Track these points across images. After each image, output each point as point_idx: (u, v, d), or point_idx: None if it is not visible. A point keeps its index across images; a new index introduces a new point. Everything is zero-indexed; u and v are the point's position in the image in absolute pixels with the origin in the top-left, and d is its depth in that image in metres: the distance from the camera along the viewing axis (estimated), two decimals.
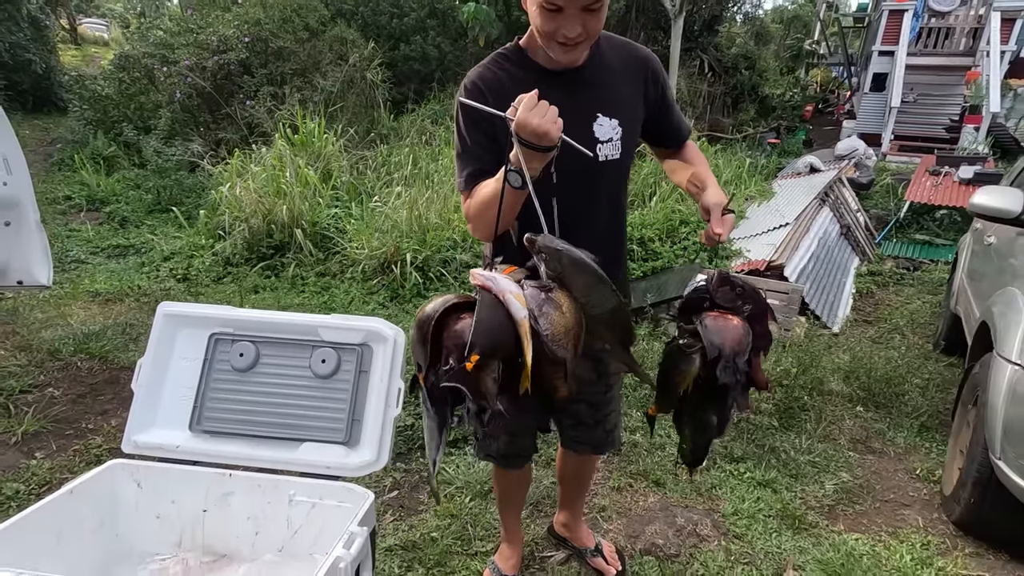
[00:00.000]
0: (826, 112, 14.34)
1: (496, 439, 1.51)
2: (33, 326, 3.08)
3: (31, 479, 1.99)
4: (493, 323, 1.00)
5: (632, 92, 1.26)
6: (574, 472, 1.74)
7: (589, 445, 1.60)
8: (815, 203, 5.90)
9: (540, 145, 1.02)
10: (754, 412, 2.72)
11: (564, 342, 1.03)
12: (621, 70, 1.25)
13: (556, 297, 1.04)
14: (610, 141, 1.23)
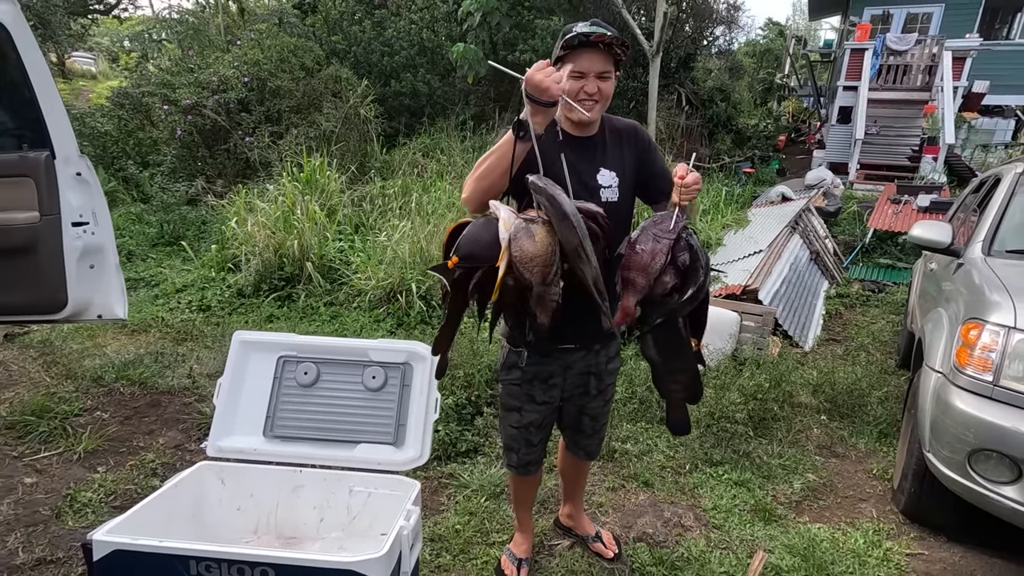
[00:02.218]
0: (798, 141, 15.07)
1: (515, 452, 1.86)
2: (72, 356, 3.33)
3: (99, 489, 2.24)
4: (476, 236, 1.29)
5: (625, 153, 1.65)
6: (573, 470, 2.07)
7: (584, 451, 1.94)
8: (786, 230, 6.33)
9: (542, 100, 1.30)
10: (731, 422, 3.04)
11: (530, 266, 1.24)
12: (618, 139, 1.65)
13: (533, 229, 1.25)
14: (610, 187, 1.61)
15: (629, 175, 1.64)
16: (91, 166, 2.03)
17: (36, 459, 2.45)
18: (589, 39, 1.46)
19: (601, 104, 1.55)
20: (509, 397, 1.78)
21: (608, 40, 1.47)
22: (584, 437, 1.90)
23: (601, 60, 1.48)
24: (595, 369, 1.78)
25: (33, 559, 1.88)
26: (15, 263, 1.98)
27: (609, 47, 1.49)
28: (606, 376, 1.81)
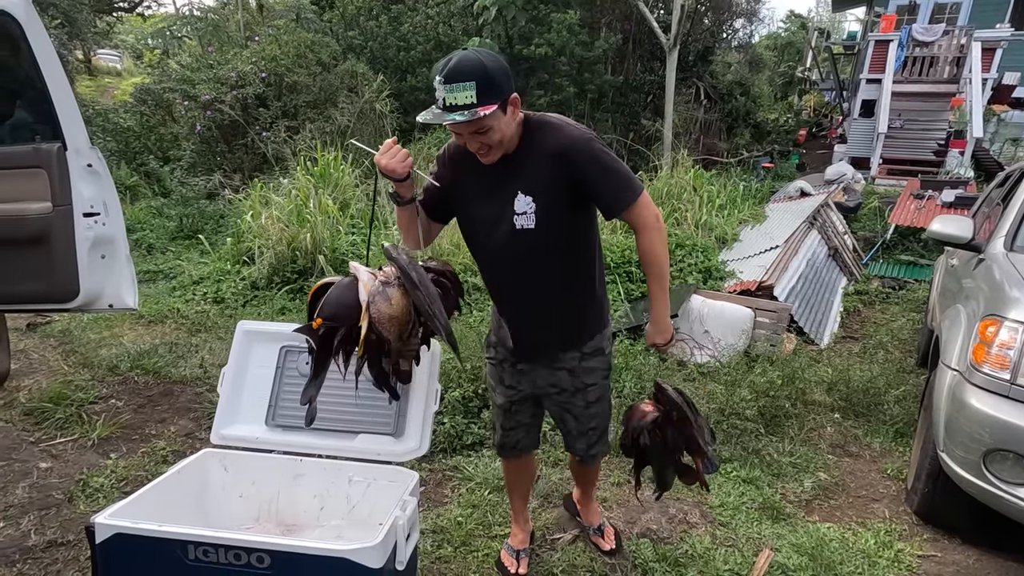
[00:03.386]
0: (819, 136, 14.78)
1: (495, 432, 1.88)
2: (89, 345, 3.41)
3: (111, 475, 2.29)
4: (338, 298, 1.41)
5: (553, 175, 1.49)
6: (575, 469, 2.07)
7: (576, 454, 1.87)
8: (804, 226, 6.22)
9: (392, 176, 1.47)
10: (740, 419, 3.00)
11: (387, 326, 1.38)
12: (548, 157, 1.49)
13: (389, 292, 1.38)
14: (524, 214, 1.52)
15: (555, 199, 1.50)
16: (102, 157, 2.07)
17: (52, 445, 2.52)
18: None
19: (497, 150, 1.47)
20: (488, 375, 1.86)
21: (458, 125, 1.39)
22: (572, 438, 1.82)
23: (464, 124, 1.39)
24: (567, 365, 1.70)
25: (44, 541, 1.93)
26: (29, 253, 2.02)
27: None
28: (582, 374, 1.70)
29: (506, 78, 1.41)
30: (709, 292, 4.65)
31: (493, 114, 1.38)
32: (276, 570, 1.25)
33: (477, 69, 1.36)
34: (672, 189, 6.64)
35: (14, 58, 1.90)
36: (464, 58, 1.38)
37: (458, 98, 1.36)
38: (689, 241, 5.59)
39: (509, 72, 1.43)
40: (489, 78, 1.36)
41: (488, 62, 1.38)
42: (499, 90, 1.39)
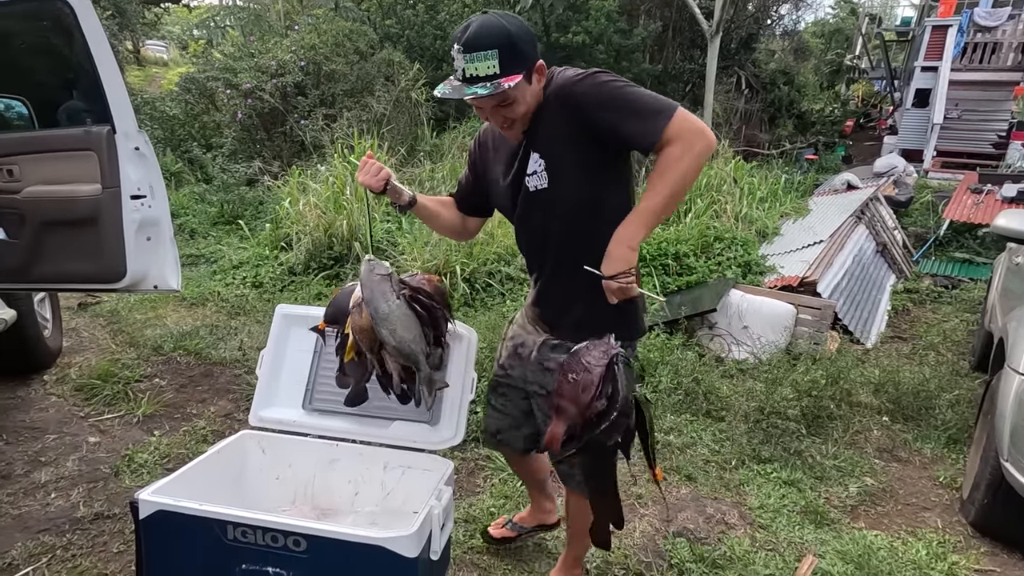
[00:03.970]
0: (867, 127, 14.18)
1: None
2: (135, 325, 3.52)
3: (154, 451, 2.37)
4: (337, 304, 1.57)
5: (564, 127, 1.33)
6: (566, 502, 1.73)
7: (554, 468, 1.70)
8: (851, 220, 5.98)
9: (372, 191, 1.47)
10: (782, 418, 2.89)
11: (359, 336, 1.49)
12: (558, 110, 1.33)
13: (361, 306, 1.46)
14: (535, 174, 1.38)
15: (565, 151, 1.34)
16: (148, 141, 2.10)
17: (100, 420, 2.61)
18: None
19: (518, 122, 1.34)
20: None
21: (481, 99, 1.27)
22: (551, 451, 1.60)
23: (487, 99, 1.27)
24: (547, 362, 1.52)
25: (92, 513, 2.00)
26: (79, 234, 2.08)
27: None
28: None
29: (531, 44, 1.30)
30: (748, 287, 4.51)
31: (518, 85, 1.26)
32: (312, 554, 1.25)
33: (500, 35, 1.24)
34: (712, 180, 6.46)
35: (67, 43, 1.94)
36: (485, 23, 1.25)
37: (479, 68, 1.24)
38: (728, 234, 5.44)
39: (534, 37, 1.33)
40: (513, 44, 1.24)
41: (512, 27, 1.26)
42: (524, 58, 1.27)
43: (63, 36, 1.97)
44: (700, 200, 6.10)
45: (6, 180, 2.07)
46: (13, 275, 2.17)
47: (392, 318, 1.41)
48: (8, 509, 2.01)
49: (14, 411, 2.61)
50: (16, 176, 2.07)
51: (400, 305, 1.42)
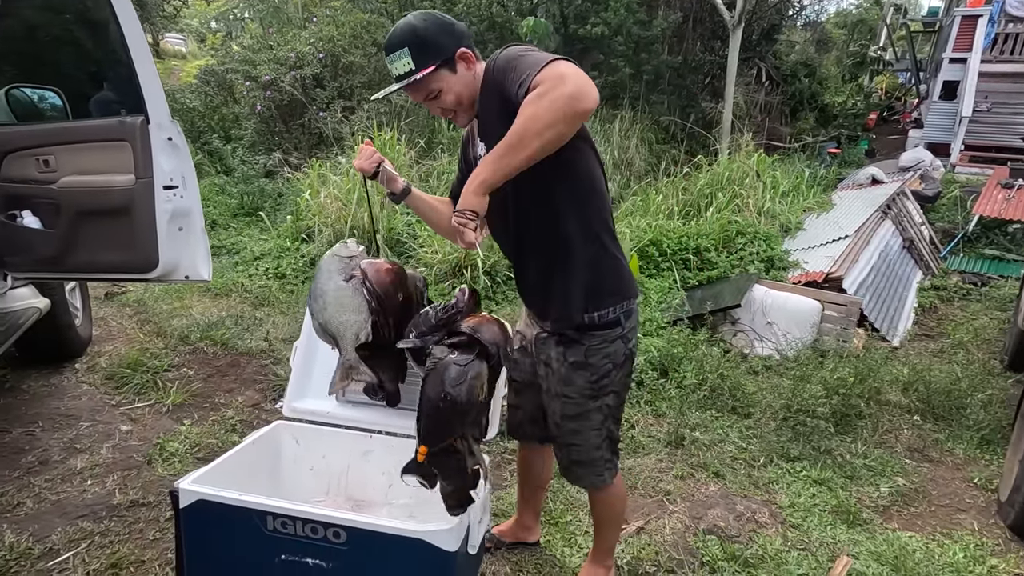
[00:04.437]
0: (891, 120, 13.88)
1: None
2: (162, 315, 3.56)
3: (185, 440, 2.39)
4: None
5: (495, 107, 1.31)
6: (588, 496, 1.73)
7: (561, 466, 1.64)
8: (877, 215, 5.87)
9: (364, 174, 1.50)
10: (810, 416, 2.85)
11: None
12: (490, 94, 1.33)
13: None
14: (478, 158, 1.41)
15: (500, 133, 1.23)
16: (181, 131, 2.11)
17: (131, 408, 2.64)
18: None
19: (461, 111, 1.40)
20: None
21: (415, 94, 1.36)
22: (556, 447, 1.61)
23: (414, 92, 1.37)
24: (542, 356, 1.54)
25: (128, 501, 2.03)
26: (112, 224, 2.09)
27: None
28: (560, 379, 1.49)
29: (446, 35, 1.34)
30: (772, 282, 4.44)
31: (435, 75, 1.33)
32: (351, 546, 1.25)
33: (406, 34, 1.33)
34: (734, 174, 6.37)
35: (103, 33, 1.95)
36: (397, 25, 1.36)
37: (398, 67, 1.34)
38: (751, 228, 5.37)
39: (452, 28, 1.36)
40: (420, 40, 1.32)
41: (418, 23, 1.34)
42: (438, 49, 1.33)
43: (98, 26, 1.98)
44: (722, 194, 6.02)
45: (42, 170, 2.09)
46: (48, 264, 2.19)
47: (327, 296, 1.38)
48: (47, 495, 2.04)
49: (48, 398, 2.66)
50: (52, 166, 2.09)
51: (343, 287, 1.38)
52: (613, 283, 1.46)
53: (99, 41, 2.09)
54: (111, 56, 2.01)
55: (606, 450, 1.57)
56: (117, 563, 1.74)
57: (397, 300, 1.45)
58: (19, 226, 2.16)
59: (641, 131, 9.15)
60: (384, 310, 1.43)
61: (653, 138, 9.39)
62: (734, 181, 6.33)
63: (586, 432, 1.53)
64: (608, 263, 1.45)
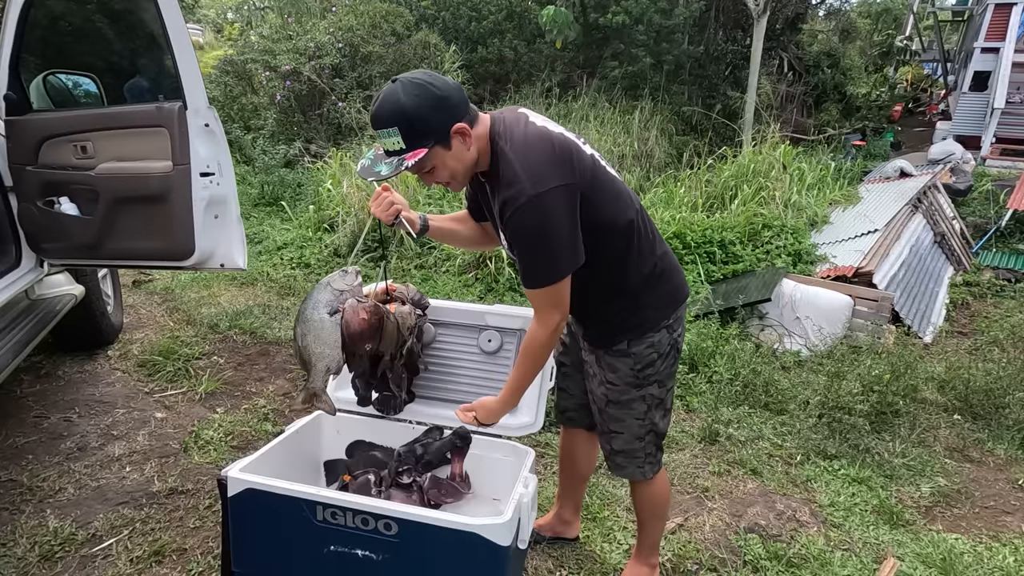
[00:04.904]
0: (916, 112, 13.58)
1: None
2: (190, 303, 3.58)
3: (219, 428, 2.40)
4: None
5: (490, 197, 1.36)
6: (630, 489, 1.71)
7: (601, 448, 1.63)
8: (907, 209, 5.75)
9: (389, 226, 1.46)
10: (847, 413, 2.79)
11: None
12: (499, 201, 1.30)
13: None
14: (508, 249, 1.40)
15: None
16: (218, 118, 2.09)
17: (164, 396, 2.65)
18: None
19: (455, 182, 1.34)
20: None
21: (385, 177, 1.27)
22: (599, 431, 1.60)
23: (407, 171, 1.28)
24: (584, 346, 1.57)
25: (167, 488, 2.04)
26: (149, 211, 2.08)
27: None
28: (605, 366, 1.48)
29: (439, 112, 1.23)
30: (800, 277, 4.36)
31: (428, 156, 1.24)
32: (402, 539, 1.23)
33: (395, 114, 1.21)
34: (759, 166, 6.25)
35: (141, 16, 1.93)
36: (385, 98, 1.23)
37: (386, 144, 1.26)
38: (777, 222, 5.27)
39: (446, 102, 1.23)
40: (410, 122, 1.21)
41: (408, 101, 1.21)
42: (429, 131, 1.23)
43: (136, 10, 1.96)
44: (747, 186, 5.92)
45: (80, 156, 2.08)
46: (85, 251, 2.19)
47: (309, 324, 1.42)
48: (87, 481, 2.06)
49: (84, 385, 2.68)
50: (89, 153, 2.08)
51: (325, 320, 1.41)
52: (654, 315, 1.46)
53: (137, 26, 2.07)
54: (149, 41, 1.99)
55: (649, 443, 1.54)
56: (159, 551, 1.75)
57: (364, 349, 1.45)
58: (57, 212, 2.16)
59: (661, 122, 9.02)
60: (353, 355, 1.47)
61: (673, 129, 9.25)
62: (759, 173, 6.21)
63: (628, 420, 1.51)
64: (648, 299, 1.45)
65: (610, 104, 9.15)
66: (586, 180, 1.30)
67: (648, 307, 1.45)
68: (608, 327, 1.47)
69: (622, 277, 1.41)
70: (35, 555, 1.70)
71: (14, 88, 2.07)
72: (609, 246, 1.37)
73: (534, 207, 1.23)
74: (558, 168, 1.26)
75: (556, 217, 1.24)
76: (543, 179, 1.23)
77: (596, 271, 1.35)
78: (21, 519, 1.84)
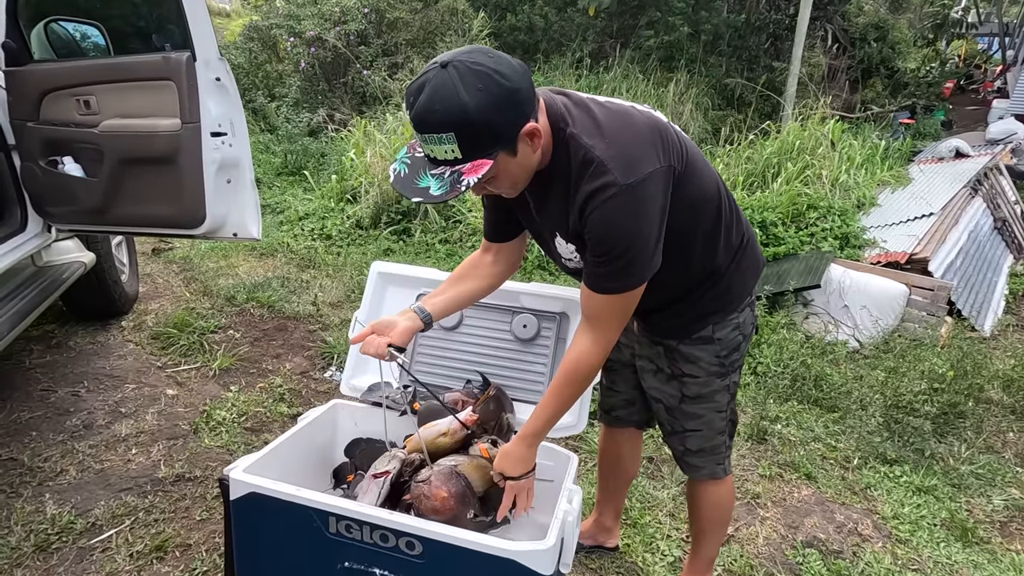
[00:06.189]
0: (969, 90, 12.81)
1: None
2: (208, 274, 3.45)
3: (232, 408, 2.26)
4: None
5: (561, 201, 1.09)
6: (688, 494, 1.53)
7: (669, 448, 1.47)
8: (965, 192, 5.36)
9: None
10: (909, 414, 2.55)
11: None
12: (575, 197, 1.06)
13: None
14: (571, 260, 1.18)
15: (577, 237, 1.11)
16: (230, 71, 1.89)
17: (177, 371, 2.53)
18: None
19: (514, 190, 1.09)
20: None
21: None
22: (664, 431, 1.43)
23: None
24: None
25: (173, 475, 1.91)
26: (157, 174, 1.92)
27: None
28: (679, 359, 1.29)
29: (509, 110, 0.95)
30: (850, 262, 4.07)
31: (492, 168, 0.97)
32: (428, 559, 1.06)
33: (453, 115, 0.92)
34: (804, 143, 5.88)
35: None
36: (434, 94, 0.92)
37: (435, 151, 0.96)
38: (823, 203, 4.94)
39: (517, 95, 0.95)
40: (473, 127, 0.92)
41: (470, 98, 0.91)
42: (496, 136, 0.95)
43: None
44: (791, 164, 5.57)
45: (83, 112, 1.92)
46: (91, 216, 2.05)
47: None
48: (91, 463, 1.94)
49: (94, 357, 2.56)
50: (93, 108, 1.91)
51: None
52: (739, 293, 1.28)
53: None
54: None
55: (728, 435, 1.39)
56: (162, 545, 1.62)
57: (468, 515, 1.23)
58: (60, 173, 2.01)
59: (697, 95, 8.60)
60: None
61: (709, 103, 8.83)
62: (805, 150, 5.84)
63: (709, 415, 1.33)
64: (733, 275, 1.26)
65: (643, 76, 8.76)
66: (679, 158, 1.08)
67: (735, 284, 1.26)
68: (688, 314, 1.26)
69: (711, 255, 1.21)
70: (30, 545, 1.59)
71: (13, 36, 1.90)
72: (701, 221, 1.17)
73: (627, 200, 1.00)
74: (650, 149, 1.03)
75: (651, 210, 1.03)
76: (635, 164, 1.01)
77: (682, 253, 1.14)
78: (18, 503, 1.72)
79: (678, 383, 1.32)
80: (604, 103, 1.10)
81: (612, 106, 1.10)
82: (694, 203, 1.13)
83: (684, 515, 1.91)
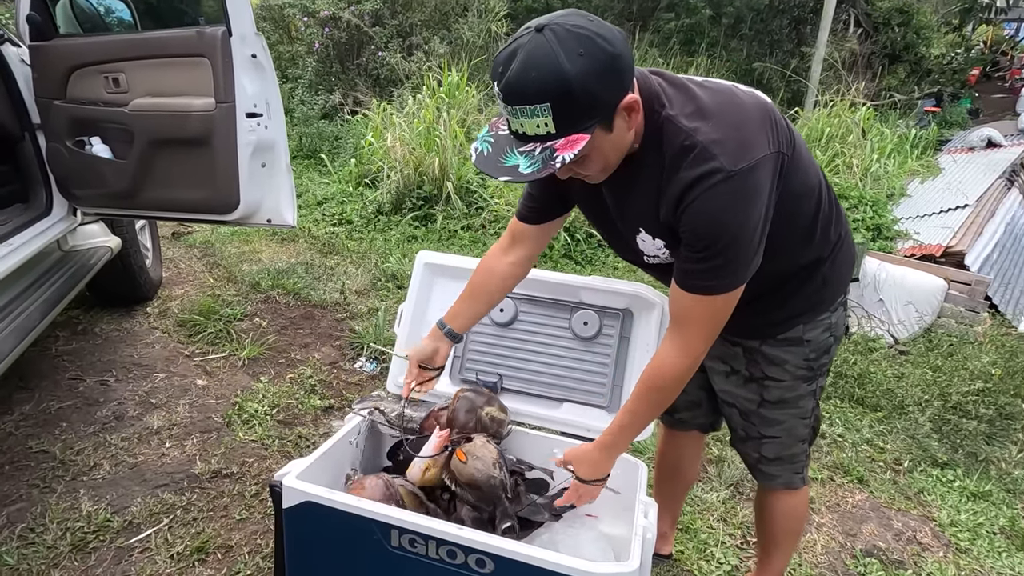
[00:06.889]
0: (996, 77, 12.48)
1: None
2: (231, 259, 3.38)
3: (263, 400, 2.20)
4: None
5: (671, 213, 0.98)
6: (756, 502, 1.46)
7: (740, 455, 1.38)
8: (1001, 183, 5.20)
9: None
10: (960, 415, 2.46)
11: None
12: (670, 186, 0.96)
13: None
14: (656, 256, 1.09)
15: (667, 231, 1.02)
16: (266, 47, 1.79)
17: (205, 360, 2.46)
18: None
19: (603, 174, 0.98)
20: None
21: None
22: (737, 437, 1.34)
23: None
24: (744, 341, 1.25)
25: (210, 470, 1.84)
26: (189, 156, 1.83)
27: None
28: (761, 361, 1.20)
29: (611, 78, 0.85)
30: (883, 255, 3.95)
31: (588, 144, 0.87)
32: None
33: (551, 82, 0.82)
34: (835, 130, 5.71)
35: None
36: (529, 59, 0.82)
37: (526, 125, 0.86)
38: (855, 192, 4.81)
39: (620, 61, 0.85)
40: (572, 96, 0.82)
41: (571, 64, 0.81)
42: (595, 107, 0.85)
43: None
44: (820, 152, 5.41)
45: (112, 90, 1.83)
46: (120, 200, 1.97)
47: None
48: (124, 456, 1.88)
49: (121, 345, 2.50)
50: (122, 86, 1.82)
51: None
52: (833, 291, 1.18)
53: None
54: None
55: (808, 443, 1.31)
56: (203, 546, 1.56)
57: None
58: (88, 155, 1.92)
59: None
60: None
61: None
62: (834, 138, 5.68)
63: (791, 421, 1.24)
64: (829, 272, 1.16)
65: (663, 59, 8.55)
66: (788, 144, 0.99)
67: (830, 282, 1.16)
68: (775, 313, 1.16)
69: (806, 250, 1.12)
70: (66, 544, 1.53)
71: (38, 8, 1.81)
72: (804, 214, 1.07)
73: (734, 188, 0.90)
74: (760, 133, 0.93)
75: (758, 200, 0.93)
76: (745, 149, 0.91)
77: (775, 248, 1.03)
78: (52, 499, 1.67)
79: (758, 386, 1.23)
80: (703, 83, 1.00)
81: (714, 86, 1.00)
82: (797, 195, 1.03)
83: (736, 519, 1.84)
